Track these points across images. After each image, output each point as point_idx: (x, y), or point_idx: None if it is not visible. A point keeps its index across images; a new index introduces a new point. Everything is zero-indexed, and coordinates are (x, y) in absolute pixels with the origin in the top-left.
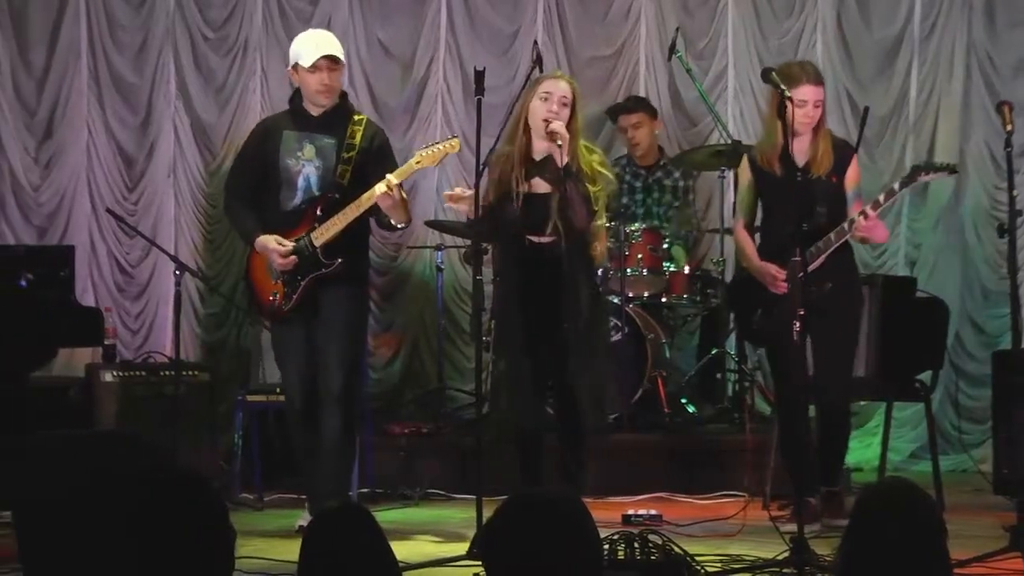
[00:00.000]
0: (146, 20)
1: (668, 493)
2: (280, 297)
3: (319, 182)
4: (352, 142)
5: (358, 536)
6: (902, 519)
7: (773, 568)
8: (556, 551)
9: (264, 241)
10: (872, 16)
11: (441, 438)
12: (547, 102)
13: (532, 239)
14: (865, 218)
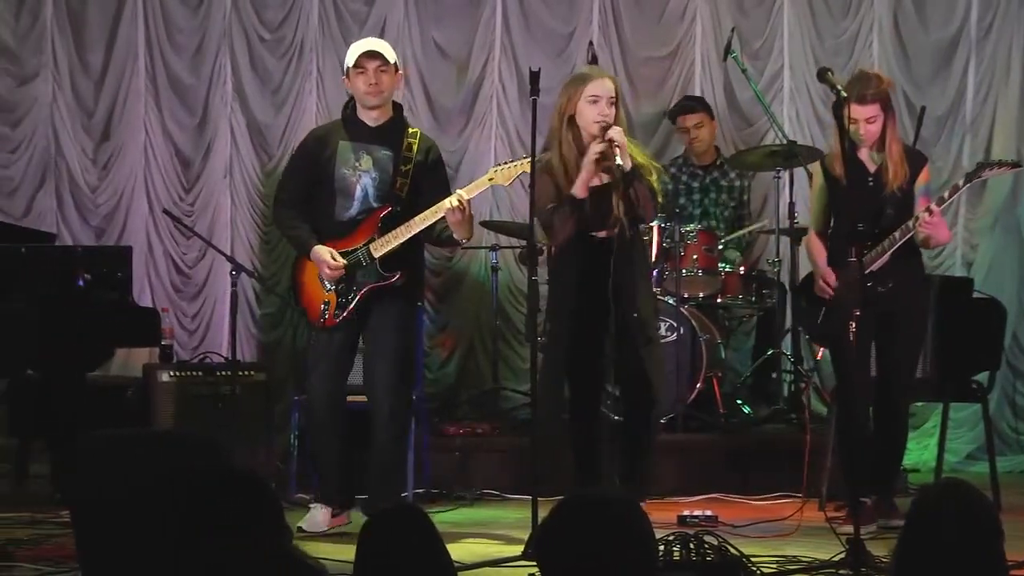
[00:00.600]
0: (203, 21)
1: (723, 494)
2: (332, 306)
3: (376, 193)
4: (409, 155)
5: (414, 537)
6: (958, 520)
7: (829, 569)
8: (611, 552)
9: (319, 252)
10: (929, 16)
11: (496, 439)
12: (596, 105)
13: (594, 234)
14: (930, 214)
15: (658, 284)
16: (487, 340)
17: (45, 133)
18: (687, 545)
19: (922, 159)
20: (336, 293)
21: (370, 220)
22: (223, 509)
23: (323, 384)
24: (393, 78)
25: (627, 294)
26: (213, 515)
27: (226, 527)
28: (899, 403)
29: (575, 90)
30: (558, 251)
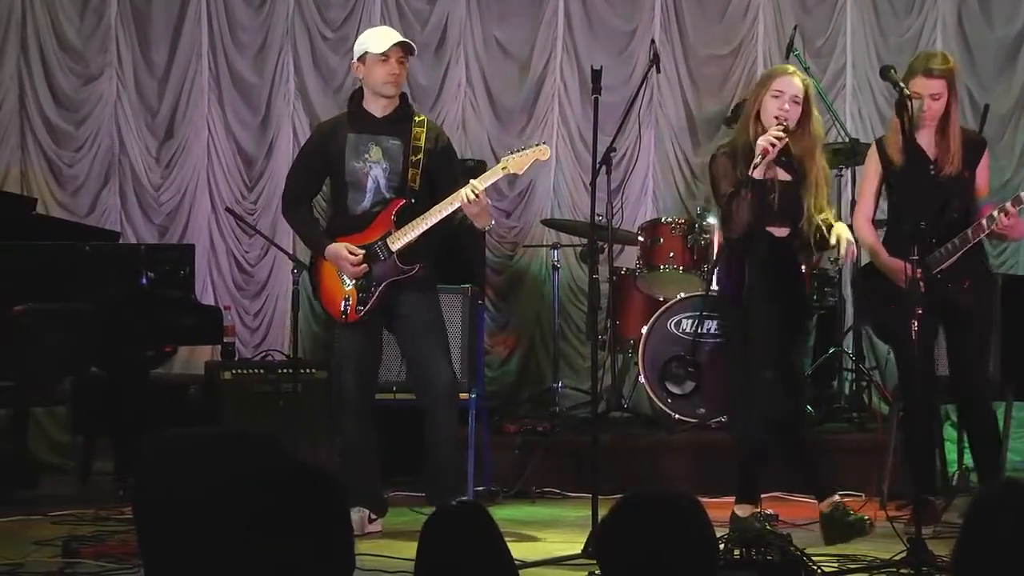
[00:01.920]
0: (266, 20)
1: (784, 492)
2: (353, 302)
3: (388, 184)
4: (418, 144)
5: (476, 534)
6: (1017, 520)
7: (890, 568)
8: (671, 550)
9: (335, 250)
10: (993, 14)
11: (556, 437)
12: (779, 99)
13: (774, 231)
14: (1006, 215)
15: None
16: (548, 338)
17: (109, 131)
18: (747, 544)
19: (982, 143)
20: (356, 288)
21: (385, 213)
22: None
23: (353, 381)
24: (406, 68)
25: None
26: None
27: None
28: (983, 402)
29: (763, 84)
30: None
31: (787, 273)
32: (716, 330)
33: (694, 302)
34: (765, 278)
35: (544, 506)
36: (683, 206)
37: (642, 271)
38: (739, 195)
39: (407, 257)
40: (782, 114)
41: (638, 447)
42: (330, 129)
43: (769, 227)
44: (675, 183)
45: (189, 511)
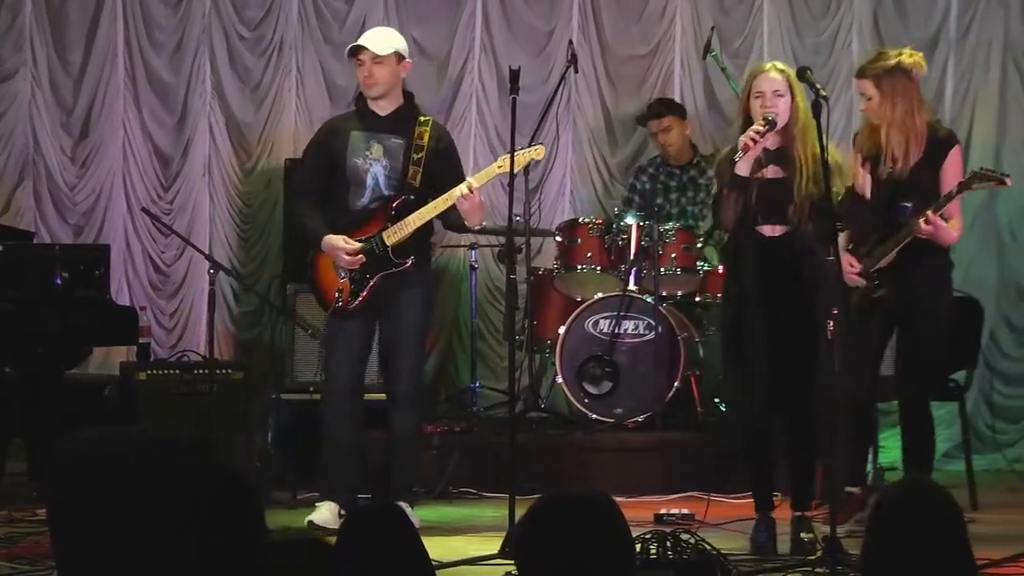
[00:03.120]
0: (182, 20)
1: (701, 492)
2: (346, 294)
3: (387, 182)
4: (420, 143)
5: (392, 534)
6: (919, 519)
7: (806, 568)
8: (589, 549)
9: (332, 240)
10: (909, 14)
11: (473, 437)
12: (761, 99)
13: (765, 231)
14: (926, 222)
15: (637, 282)
16: (465, 338)
17: (24, 131)
18: (664, 543)
19: (948, 142)
20: (350, 280)
21: (383, 209)
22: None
23: (341, 371)
24: (394, 69)
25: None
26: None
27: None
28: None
29: (745, 89)
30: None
31: (783, 273)
32: (633, 330)
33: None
34: (755, 278)
35: (461, 506)
36: (601, 206)
37: (560, 271)
38: (722, 194)
39: (401, 251)
40: (765, 111)
41: (555, 447)
42: (337, 125)
43: (759, 227)
44: (593, 183)
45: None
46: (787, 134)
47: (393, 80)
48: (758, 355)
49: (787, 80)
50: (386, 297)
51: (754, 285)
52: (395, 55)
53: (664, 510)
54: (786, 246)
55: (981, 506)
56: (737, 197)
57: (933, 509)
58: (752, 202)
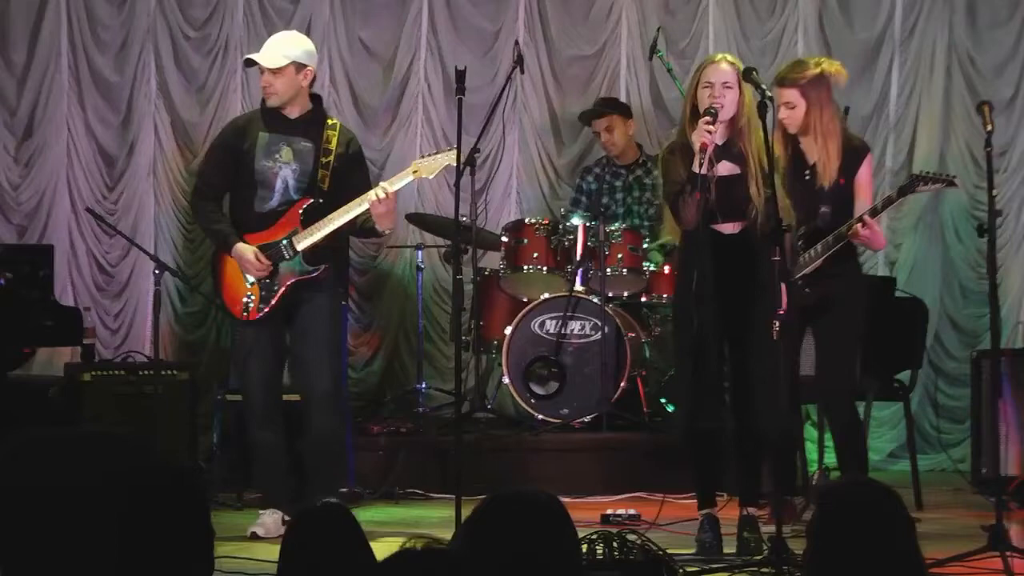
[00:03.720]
0: (127, 19)
1: (647, 492)
2: (255, 300)
3: (296, 185)
4: (328, 147)
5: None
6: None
7: (751, 568)
8: (535, 549)
9: (242, 251)
10: (854, 16)
11: (420, 437)
12: (709, 89)
13: (721, 228)
14: (863, 226)
15: (583, 283)
16: (412, 339)
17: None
18: (610, 544)
19: (862, 150)
20: (259, 286)
21: (291, 212)
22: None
23: (259, 381)
24: (292, 79)
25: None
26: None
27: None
28: (841, 402)
29: (694, 79)
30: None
31: (738, 271)
32: (580, 331)
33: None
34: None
35: (408, 507)
36: (547, 207)
37: (506, 272)
38: (684, 193)
39: (312, 257)
40: (715, 102)
41: (502, 448)
42: (243, 125)
43: (715, 225)
44: (539, 184)
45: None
46: (734, 128)
47: (293, 89)
48: (710, 353)
49: (736, 73)
50: (298, 305)
51: (710, 283)
52: (292, 65)
53: (610, 510)
54: (742, 244)
55: (926, 506)
56: (700, 196)
57: (878, 509)
58: (711, 200)
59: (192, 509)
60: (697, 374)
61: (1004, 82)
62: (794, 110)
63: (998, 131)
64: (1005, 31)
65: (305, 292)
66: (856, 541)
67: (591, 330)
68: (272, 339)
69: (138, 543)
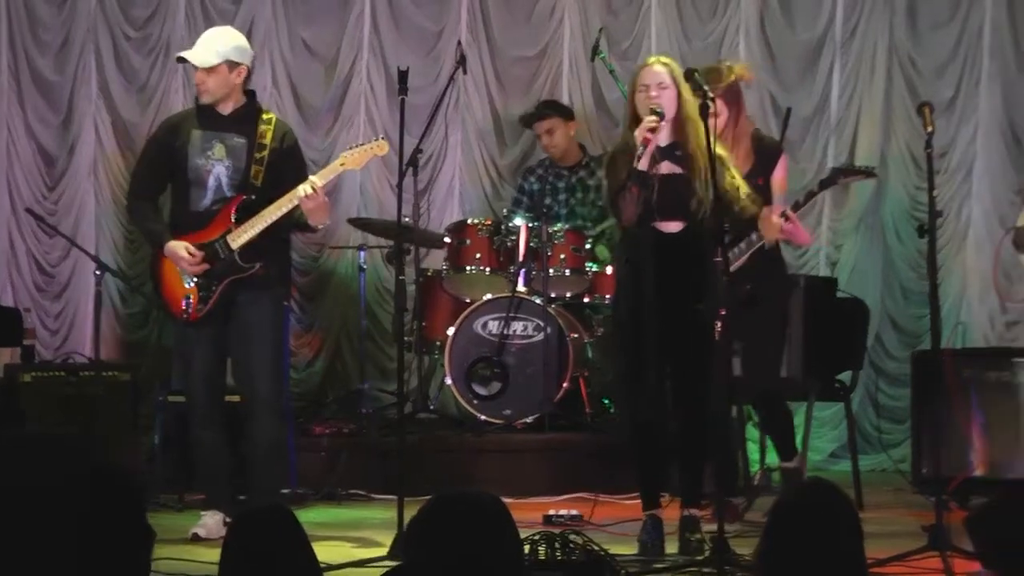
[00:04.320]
0: (67, 18)
1: (590, 493)
2: (195, 300)
3: (230, 182)
4: (263, 142)
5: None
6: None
7: (693, 568)
8: (479, 551)
9: (174, 248)
10: (795, 17)
11: (363, 438)
12: (645, 92)
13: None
14: (785, 220)
15: (526, 284)
16: (354, 340)
17: None
18: (552, 544)
19: (775, 152)
20: (197, 287)
21: (225, 210)
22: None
23: (201, 382)
24: (225, 77)
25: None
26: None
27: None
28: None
29: (631, 85)
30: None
31: (679, 270)
32: (522, 331)
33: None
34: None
35: (350, 508)
36: (489, 207)
37: (448, 272)
38: (624, 189)
39: (248, 255)
40: (654, 103)
41: (445, 448)
42: (176, 123)
43: (656, 223)
44: (482, 184)
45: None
46: (677, 127)
47: (225, 87)
48: (651, 352)
49: (671, 73)
50: (237, 304)
51: (650, 282)
52: (225, 64)
53: (553, 511)
54: (683, 243)
55: (867, 506)
56: (639, 193)
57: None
58: (653, 198)
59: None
60: (638, 374)
61: (944, 83)
62: (718, 118)
63: (938, 132)
64: (945, 32)
65: (245, 292)
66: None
67: (534, 331)
68: (213, 340)
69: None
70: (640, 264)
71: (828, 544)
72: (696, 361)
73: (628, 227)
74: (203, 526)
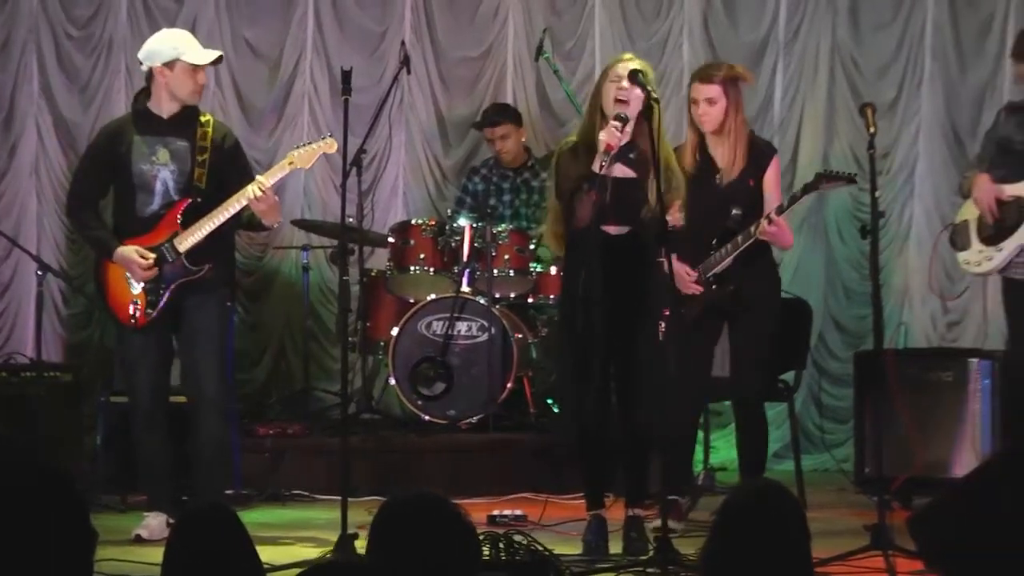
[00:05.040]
0: (9, 18)
1: (534, 493)
2: (142, 305)
3: (176, 186)
4: (204, 144)
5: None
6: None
7: (637, 567)
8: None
9: (125, 253)
10: (739, 18)
11: (306, 439)
12: (617, 82)
13: (610, 230)
14: (769, 223)
15: (470, 284)
16: (298, 340)
17: None
18: (496, 545)
19: (768, 154)
20: (145, 292)
21: (170, 214)
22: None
23: (144, 386)
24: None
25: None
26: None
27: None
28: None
29: (603, 76)
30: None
31: (624, 272)
32: (467, 332)
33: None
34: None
35: (294, 508)
36: (434, 208)
37: (392, 273)
38: (582, 191)
39: (195, 257)
40: (622, 94)
41: (389, 449)
42: (115, 130)
43: (604, 225)
44: (426, 185)
45: None
46: (640, 134)
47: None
48: (597, 352)
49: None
50: (184, 306)
51: (595, 283)
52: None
53: (497, 511)
54: (628, 246)
55: (810, 506)
56: (597, 196)
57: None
58: (606, 200)
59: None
60: (583, 375)
61: (886, 84)
62: (715, 106)
63: (881, 133)
64: (887, 33)
65: (191, 294)
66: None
67: (478, 331)
68: (159, 343)
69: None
70: (587, 265)
71: (776, 545)
72: (641, 362)
73: (578, 228)
74: (146, 527)
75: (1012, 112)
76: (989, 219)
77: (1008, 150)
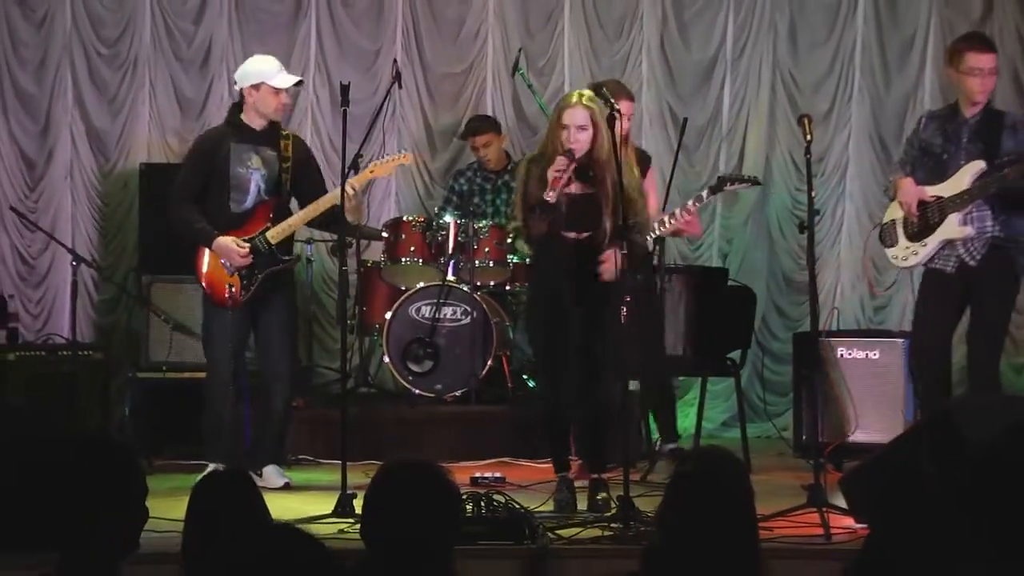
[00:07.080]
0: (45, 37)
1: (511, 458)
2: (237, 289)
3: (266, 187)
4: (287, 155)
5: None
6: (717, 482)
7: (603, 524)
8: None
9: (225, 243)
10: (691, 39)
11: (310, 411)
12: (567, 131)
13: (570, 235)
14: (688, 213)
15: (454, 273)
16: (302, 323)
17: None
18: (478, 503)
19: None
20: (240, 276)
21: (262, 211)
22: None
23: (223, 357)
24: None
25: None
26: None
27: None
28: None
29: (556, 115)
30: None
31: (582, 268)
32: (452, 316)
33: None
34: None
35: (300, 471)
36: (422, 206)
37: (386, 264)
38: (535, 214)
39: (284, 249)
40: (569, 144)
41: (383, 419)
42: (216, 137)
43: (564, 232)
44: (415, 186)
45: None
46: (596, 160)
47: None
48: (565, 343)
49: (591, 116)
50: (265, 291)
51: (561, 281)
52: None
53: (478, 473)
54: (588, 247)
55: (754, 469)
56: (548, 222)
57: (728, 474)
58: (562, 213)
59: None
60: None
61: (821, 97)
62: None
63: (816, 140)
64: (823, 51)
65: (275, 282)
66: (706, 500)
67: (461, 315)
68: (244, 322)
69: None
70: (549, 266)
71: (725, 502)
72: (600, 348)
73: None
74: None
75: (931, 119)
76: (912, 219)
77: (928, 152)
